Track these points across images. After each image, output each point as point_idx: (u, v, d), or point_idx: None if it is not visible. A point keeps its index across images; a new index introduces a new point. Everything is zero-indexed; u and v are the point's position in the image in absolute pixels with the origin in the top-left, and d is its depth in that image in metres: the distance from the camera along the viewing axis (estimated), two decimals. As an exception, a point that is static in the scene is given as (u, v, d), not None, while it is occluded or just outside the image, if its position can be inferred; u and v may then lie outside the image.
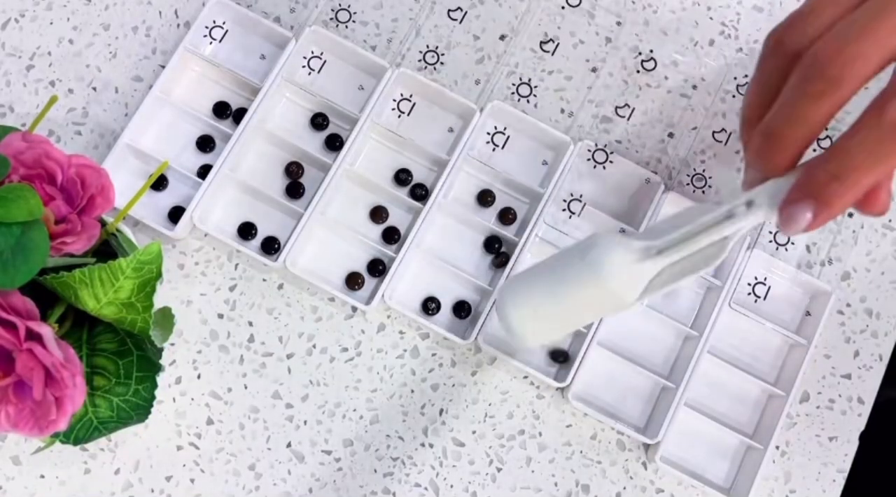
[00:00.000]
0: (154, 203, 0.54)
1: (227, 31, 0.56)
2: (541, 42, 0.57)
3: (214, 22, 0.55)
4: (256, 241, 0.54)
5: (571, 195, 0.55)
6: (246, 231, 0.53)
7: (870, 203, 0.36)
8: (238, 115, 0.54)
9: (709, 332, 0.52)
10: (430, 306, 0.53)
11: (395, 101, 0.56)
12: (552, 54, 0.57)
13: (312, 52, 0.56)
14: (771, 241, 0.56)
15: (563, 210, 0.55)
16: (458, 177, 0.55)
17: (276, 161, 0.55)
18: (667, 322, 0.54)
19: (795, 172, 0.35)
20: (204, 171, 0.53)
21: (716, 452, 0.53)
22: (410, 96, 0.56)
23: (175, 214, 0.53)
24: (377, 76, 0.55)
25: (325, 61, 0.56)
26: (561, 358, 0.53)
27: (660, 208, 0.54)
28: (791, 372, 0.53)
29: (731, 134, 0.57)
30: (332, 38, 0.55)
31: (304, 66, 0.56)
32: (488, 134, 0.56)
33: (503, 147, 0.56)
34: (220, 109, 0.55)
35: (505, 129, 0.56)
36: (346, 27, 0.57)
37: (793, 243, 0.56)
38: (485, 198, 0.55)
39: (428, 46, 0.57)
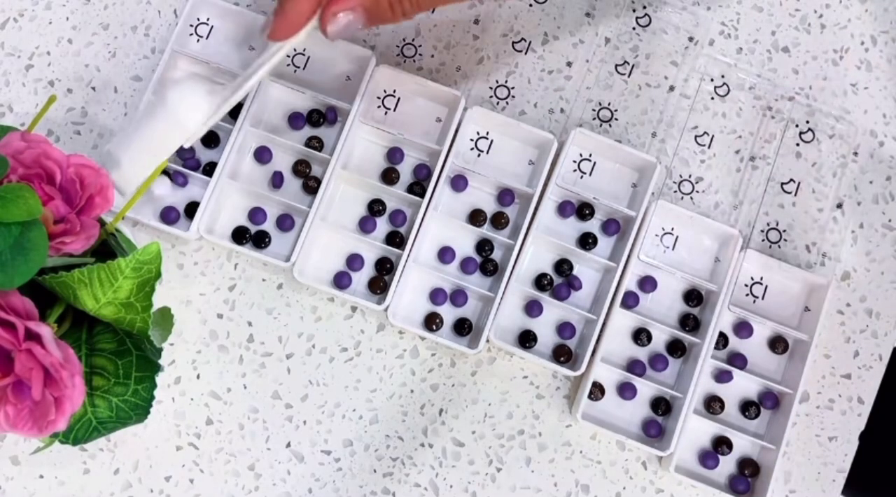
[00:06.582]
0: (168, 200, 0.54)
1: (212, 27, 0.55)
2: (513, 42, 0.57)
3: (199, 19, 0.55)
4: (273, 247, 0.53)
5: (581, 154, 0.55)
6: (260, 239, 0.53)
7: (324, 23, 0.43)
8: (234, 111, 0.54)
9: (711, 337, 0.52)
10: (434, 321, 0.53)
11: (379, 98, 0.55)
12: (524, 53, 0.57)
13: (295, 49, 0.55)
14: (764, 240, 0.56)
15: (574, 170, 0.55)
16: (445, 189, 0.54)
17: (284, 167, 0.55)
18: (668, 331, 0.54)
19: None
20: (203, 169, 0.54)
21: (726, 456, 0.53)
22: (394, 92, 0.56)
23: (170, 213, 0.53)
24: (363, 67, 0.55)
25: (308, 56, 0.56)
26: (563, 357, 0.53)
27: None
28: (795, 369, 0.53)
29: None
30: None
31: (288, 65, 0.55)
32: (471, 140, 0.55)
33: (488, 152, 0.55)
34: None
35: (488, 133, 0.55)
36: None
37: (786, 240, 0.56)
38: (476, 217, 0.54)
39: (404, 39, 0.57)
